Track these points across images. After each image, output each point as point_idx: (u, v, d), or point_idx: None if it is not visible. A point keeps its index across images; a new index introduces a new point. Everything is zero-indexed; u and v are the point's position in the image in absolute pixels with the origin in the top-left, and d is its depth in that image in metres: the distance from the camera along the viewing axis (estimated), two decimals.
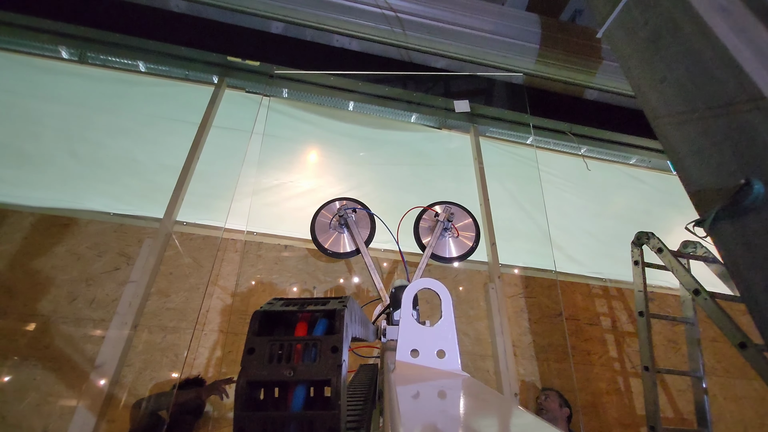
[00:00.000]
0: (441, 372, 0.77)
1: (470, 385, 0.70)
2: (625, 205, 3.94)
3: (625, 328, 3.02)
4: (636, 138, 3.58)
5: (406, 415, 0.53)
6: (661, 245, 2.06)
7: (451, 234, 2.25)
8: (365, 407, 0.96)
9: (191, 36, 2.78)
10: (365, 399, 1.04)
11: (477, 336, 2.71)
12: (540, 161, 3.89)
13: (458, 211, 2.31)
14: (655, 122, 1.63)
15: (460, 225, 2.28)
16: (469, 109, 3.41)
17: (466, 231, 2.31)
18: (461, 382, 0.71)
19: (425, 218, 2.33)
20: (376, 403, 1.11)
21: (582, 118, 3.37)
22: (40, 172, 2.67)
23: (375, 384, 1.21)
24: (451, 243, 2.25)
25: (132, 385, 2.09)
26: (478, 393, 0.68)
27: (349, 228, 2.19)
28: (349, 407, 0.95)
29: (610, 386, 2.74)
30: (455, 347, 0.79)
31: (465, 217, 2.33)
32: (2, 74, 3.03)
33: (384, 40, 2.84)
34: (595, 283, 3.23)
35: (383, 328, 1.26)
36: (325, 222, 2.27)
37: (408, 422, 0.51)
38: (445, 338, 0.80)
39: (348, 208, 2.18)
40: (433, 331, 0.81)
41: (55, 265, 2.34)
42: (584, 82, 3.16)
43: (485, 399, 0.65)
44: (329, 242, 2.21)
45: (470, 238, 2.25)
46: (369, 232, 2.26)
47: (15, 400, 1.96)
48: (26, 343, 2.10)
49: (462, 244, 2.24)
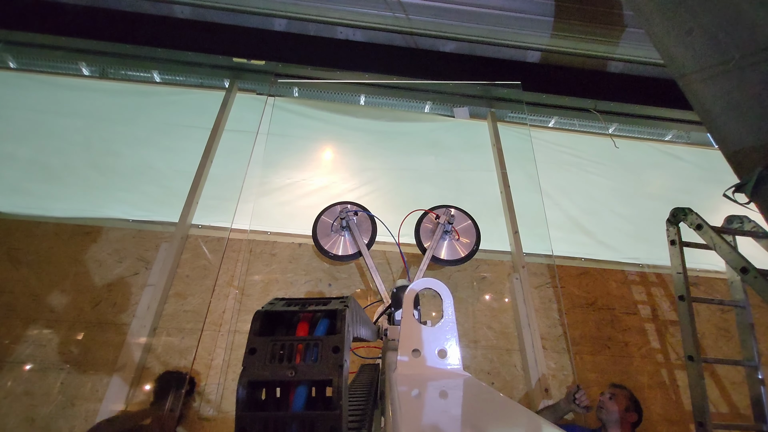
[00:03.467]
0: (442, 372, 0.78)
1: (471, 385, 0.71)
2: (661, 185, 3.65)
3: (668, 317, 2.77)
4: (670, 110, 3.30)
5: (407, 415, 0.55)
6: (700, 221, 1.85)
7: (452, 237, 2.27)
8: (367, 407, 0.95)
9: (197, 41, 2.81)
10: (367, 399, 1.03)
11: (502, 329, 2.57)
12: (565, 143, 3.68)
13: (459, 214, 2.35)
14: (683, 80, 1.45)
15: (461, 228, 2.31)
16: (468, 116, 3.34)
17: (467, 234, 2.32)
18: (462, 382, 0.73)
19: (426, 222, 2.35)
20: (378, 403, 1.09)
21: (607, 93, 3.14)
22: (63, 184, 2.77)
23: (376, 384, 1.19)
24: (452, 246, 2.27)
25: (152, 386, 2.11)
26: (479, 393, 0.70)
27: (351, 231, 2.22)
28: (351, 407, 0.94)
29: (652, 380, 2.52)
30: (456, 347, 0.80)
31: (465, 220, 2.36)
32: (29, 95, 3.19)
33: (388, 28, 2.76)
34: (632, 269, 3.00)
35: (384, 328, 1.27)
36: (327, 226, 2.28)
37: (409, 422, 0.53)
38: (447, 338, 0.82)
39: (349, 211, 2.21)
40: (434, 331, 0.82)
41: (79, 272, 2.41)
42: (606, 53, 2.94)
43: (486, 399, 0.66)
44: (331, 245, 2.24)
45: (470, 242, 2.28)
46: (370, 234, 2.29)
47: (43, 404, 2.02)
48: (53, 348, 2.17)
49: (462, 247, 2.27)
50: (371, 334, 1.11)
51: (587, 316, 2.69)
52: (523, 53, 2.94)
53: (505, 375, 2.41)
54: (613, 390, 2.08)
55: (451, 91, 3.17)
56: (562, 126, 3.79)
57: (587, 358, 2.51)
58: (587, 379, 2.44)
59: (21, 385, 2.05)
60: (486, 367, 2.42)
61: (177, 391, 1.99)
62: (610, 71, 3.12)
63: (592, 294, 2.79)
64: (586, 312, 2.71)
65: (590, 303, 2.75)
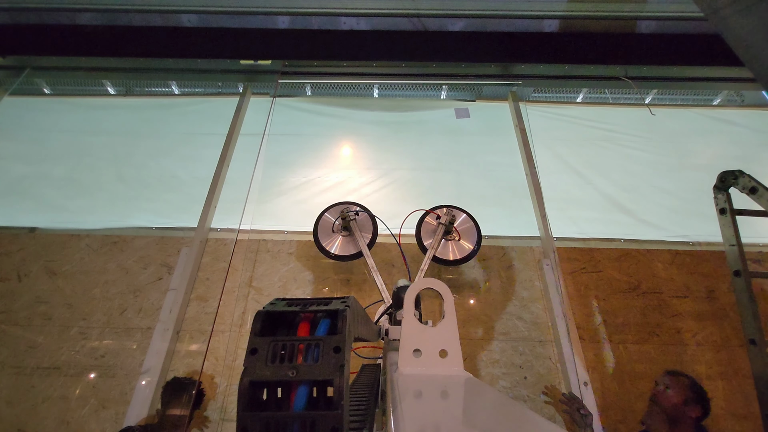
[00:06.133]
0: (443, 372, 0.78)
1: (472, 385, 0.72)
2: (711, 154, 3.28)
3: (727, 298, 2.46)
4: (717, 69, 2.94)
5: (408, 415, 0.56)
6: (754, 183, 1.60)
7: (453, 237, 2.25)
8: (368, 407, 0.94)
9: (206, 47, 2.85)
10: (368, 399, 1.03)
11: (533, 320, 2.38)
12: (595, 117, 3.41)
13: (460, 214, 2.32)
14: (717, 16, 1.24)
15: (462, 228, 2.28)
16: (469, 116, 3.19)
17: (468, 234, 2.29)
18: (463, 382, 0.73)
19: (427, 221, 2.31)
20: (379, 403, 1.08)
21: (639, 57, 2.85)
22: (94, 198, 2.91)
23: (378, 384, 1.18)
24: (452, 246, 2.24)
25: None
26: (480, 393, 0.70)
27: (352, 231, 2.22)
28: (352, 407, 0.93)
29: (712, 369, 2.23)
30: (457, 347, 0.81)
31: (467, 221, 2.32)
32: (63, 117, 3.39)
33: (392, 12, 2.66)
34: (681, 248, 2.69)
35: (386, 328, 1.25)
36: (328, 225, 2.31)
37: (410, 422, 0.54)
38: (448, 338, 0.81)
39: (350, 211, 2.22)
40: (435, 331, 0.82)
41: (108, 280, 2.50)
42: (634, 12, 2.67)
43: (487, 399, 0.66)
44: (332, 245, 2.23)
45: (471, 242, 2.25)
46: (372, 234, 2.28)
47: (78, 407, 2.10)
48: (86, 354, 2.25)
49: (463, 247, 2.24)
50: (372, 334, 1.10)
51: (630, 302, 2.44)
52: (539, 23, 2.73)
53: (539, 368, 2.22)
54: (668, 379, 1.79)
55: (465, 72, 3.00)
56: (592, 100, 3.52)
57: (632, 348, 2.27)
58: (633, 370, 2.21)
59: (57, 390, 2.14)
60: (517, 360, 2.25)
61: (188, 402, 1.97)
62: (640, 32, 2.83)
63: (635, 278, 2.53)
64: (629, 298, 2.46)
65: (633, 287, 2.50)
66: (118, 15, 2.86)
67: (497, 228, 2.71)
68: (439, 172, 3.10)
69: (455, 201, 2.45)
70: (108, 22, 2.87)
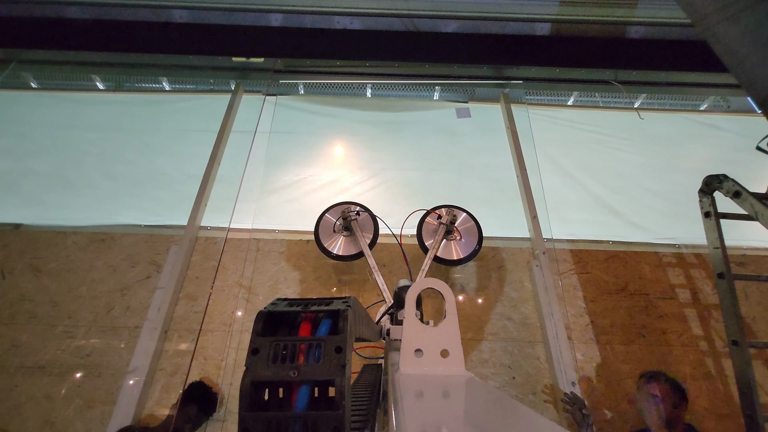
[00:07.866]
0: (444, 372, 0.78)
1: (474, 385, 0.72)
2: (699, 158, 3.34)
3: (711, 300, 2.51)
4: (703, 75, 3.00)
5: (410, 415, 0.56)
6: (738, 188, 1.64)
7: (454, 237, 2.25)
8: (369, 407, 0.95)
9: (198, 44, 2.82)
10: (370, 399, 1.03)
11: (523, 320, 2.40)
12: (586, 120, 3.45)
13: (461, 213, 2.32)
14: (704, 23, 1.27)
15: (463, 228, 2.28)
16: (470, 115, 3.21)
17: (469, 233, 2.29)
18: (465, 381, 0.73)
19: (428, 221, 2.31)
20: (381, 403, 1.09)
21: (628, 61, 2.89)
22: (81, 194, 2.86)
23: (379, 384, 1.19)
24: (454, 245, 2.24)
25: (163, 388, 2.11)
26: (482, 393, 0.70)
27: (353, 231, 2.22)
28: (354, 407, 0.93)
29: (696, 370, 2.27)
30: (459, 347, 0.81)
31: (468, 221, 2.32)
32: (49, 112, 3.32)
33: (385, 12, 2.66)
34: (667, 250, 2.74)
35: (387, 328, 1.25)
36: (329, 225, 2.30)
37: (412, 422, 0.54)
38: (449, 338, 0.82)
39: (352, 212, 2.21)
40: (436, 330, 0.82)
41: (95, 278, 2.47)
42: (625, 17, 2.70)
43: (488, 399, 0.66)
44: (333, 245, 2.23)
45: (473, 241, 2.25)
46: (373, 234, 2.27)
47: (63, 407, 2.07)
48: (71, 353, 2.22)
49: (464, 247, 2.24)
50: (374, 334, 1.10)
51: (617, 303, 2.48)
52: (531, 26, 2.75)
53: (527, 368, 2.24)
54: (651, 386, 1.81)
55: (458, 74, 3.02)
56: (583, 103, 3.56)
57: (619, 348, 2.31)
58: (619, 370, 2.24)
59: (42, 390, 2.10)
60: (506, 360, 2.27)
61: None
62: (630, 37, 2.87)
63: (622, 279, 2.57)
64: (616, 299, 2.49)
65: (620, 289, 2.53)
66: (108, 9, 2.82)
67: (488, 229, 2.73)
68: (431, 172, 3.11)
69: (447, 201, 2.46)
70: (97, 16, 2.82)
